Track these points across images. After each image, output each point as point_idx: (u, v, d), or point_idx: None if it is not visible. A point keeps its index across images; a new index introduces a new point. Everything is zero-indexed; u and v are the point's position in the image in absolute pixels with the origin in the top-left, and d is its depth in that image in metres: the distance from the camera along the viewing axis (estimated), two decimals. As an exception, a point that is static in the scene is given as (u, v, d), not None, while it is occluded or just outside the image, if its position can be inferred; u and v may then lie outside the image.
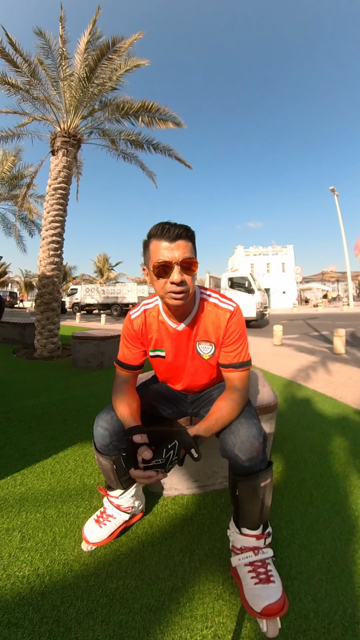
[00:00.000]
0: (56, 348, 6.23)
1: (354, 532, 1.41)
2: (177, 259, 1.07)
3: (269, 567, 1.10)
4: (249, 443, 1.09)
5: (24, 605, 1.07)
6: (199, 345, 1.30)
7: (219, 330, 1.26)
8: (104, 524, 1.35)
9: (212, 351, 1.30)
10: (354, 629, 0.99)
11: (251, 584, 1.07)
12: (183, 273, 1.09)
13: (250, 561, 1.12)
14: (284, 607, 1.00)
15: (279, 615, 0.99)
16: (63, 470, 1.92)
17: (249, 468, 1.10)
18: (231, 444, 1.11)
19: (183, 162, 8.38)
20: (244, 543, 1.16)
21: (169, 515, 1.54)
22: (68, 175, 6.43)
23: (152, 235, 1.12)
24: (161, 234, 1.09)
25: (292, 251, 41.40)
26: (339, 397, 3.39)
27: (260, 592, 1.03)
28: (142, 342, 1.36)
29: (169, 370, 1.42)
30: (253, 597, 1.03)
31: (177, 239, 1.08)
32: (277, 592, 1.03)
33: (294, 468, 1.95)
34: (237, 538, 1.18)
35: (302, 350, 6.73)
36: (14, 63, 6.05)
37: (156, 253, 1.09)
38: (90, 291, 27.46)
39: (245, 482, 1.11)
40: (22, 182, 12.87)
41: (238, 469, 1.12)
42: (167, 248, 1.08)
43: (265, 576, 1.07)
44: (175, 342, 1.31)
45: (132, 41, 6.06)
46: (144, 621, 1.02)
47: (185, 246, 1.09)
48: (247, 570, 1.11)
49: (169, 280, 1.09)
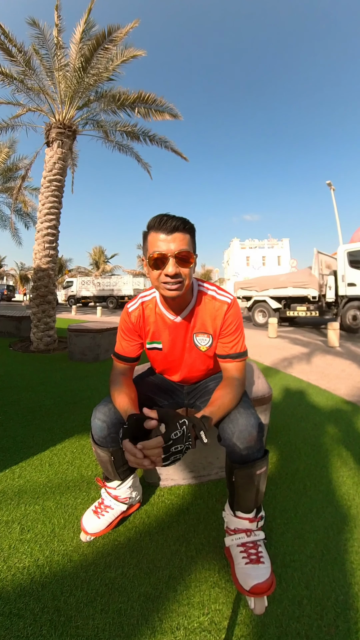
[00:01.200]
0: (52, 341, 6.22)
1: (346, 521, 1.44)
2: (173, 251, 1.08)
3: (260, 549, 1.15)
4: (247, 432, 1.11)
5: (25, 595, 1.09)
6: (197, 337, 1.31)
7: (217, 322, 1.28)
8: (102, 515, 1.37)
9: (210, 343, 1.31)
10: (346, 615, 1.02)
11: (242, 563, 1.11)
12: (178, 265, 1.10)
13: (243, 542, 1.16)
14: (271, 587, 1.05)
15: (266, 594, 1.04)
16: (61, 463, 1.94)
17: (246, 456, 1.13)
18: (230, 432, 1.13)
19: (179, 154, 8.30)
20: (237, 525, 1.20)
21: (165, 505, 1.57)
22: (63, 167, 6.36)
23: (151, 226, 1.13)
24: (159, 225, 1.09)
25: (287, 244, 41.41)
26: (332, 389, 3.44)
27: (250, 572, 1.08)
28: (139, 334, 1.37)
29: (166, 362, 1.43)
30: (243, 576, 1.08)
31: (174, 232, 1.09)
32: (266, 572, 1.08)
33: (288, 459, 1.98)
34: (231, 520, 1.23)
35: (296, 342, 6.78)
36: (8, 52, 5.91)
37: (153, 244, 1.11)
38: (86, 284, 27.35)
39: (242, 470, 1.14)
40: (16, 174, 12.68)
41: (235, 457, 1.15)
42: (164, 240, 1.09)
43: (256, 557, 1.12)
44: (172, 334, 1.32)
45: (128, 30, 5.95)
46: (143, 609, 1.04)
47: (182, 239, 1.10)
48: (239, 550, 1.16)
49: (164, 272, 1.11)
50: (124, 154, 8.45)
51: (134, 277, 27.09)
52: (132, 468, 1.45)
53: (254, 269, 41.23)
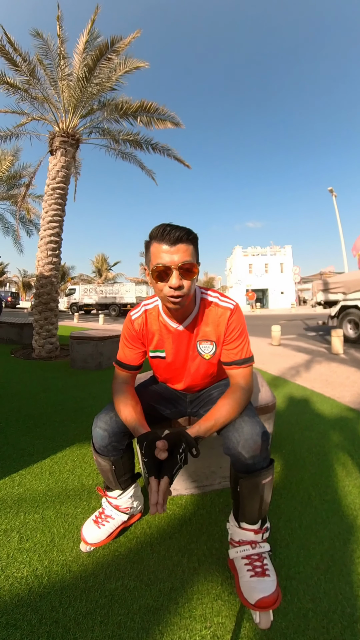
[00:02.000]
0: (54, 348, 6.22)
1: (352, 532, 1.41)
2: (177, 263, 1.07)
3: (265, 561, 1.12)
4: (253, 441, 1.09)
5: (23, 606, 1.07)
6: (200, 345, 1.30)
7: (220, 328, 1.26)
8: (103, 525, 1.35)
9: (213, 350, 1.30)
10: (353, 628, 0.99)
11: (247, 576, 1.09)
12: (182, 277, 1.09)
13: (247, 554, 1.13)
14: (277, 601, 1.02)
15: (272, 608, 1.01)
16: (61, 471, 1.92)
17: (251, 466, 1.10)
18: (235, 441, 1.11)
19: (182, 161, 8.37)
20: (242, 536, 1.17)
21: (167, 515, 1.54)
22: (66, 175, 6.42)
23: (153, 237, 1.11)
24: (162, 236, 1.08)
25: (290, 251, 41.51)
26: (337, 397, 3.40)
27: (256, 585, 1.05)
28: (142, 342, 1.36)
29: (169, 370, 1.42)
30: (248, 589, 1.05)
31: (178, 243, 1.07)
32: (272, 585, 1.05)
33: (292, 468, 1.95)
34: (236, 531, 1.20)
35: (300, 350, 6.74)
36: (13, 62, 6.03)
37: (156, 256, 1.09)
38: (88, 291, 27.47)
39: (247, 480, 1.11)
40: (20, 182, 12.85)
41: (241, 467, 1.12)
42: (167, 252, 1.07)
43: (261, 569, 1.09)
44: (175, 342, 1.31)
45: (130, 40, 6.06)
46: (143, 622, 1.02)
47: (185, 250, 1.08)
48: (243, 562, 1.13)
49: (168, 284, 1.09)
50: (127, 162, 8.55)
51: (137, 284, 27.23)
52: (134, 477, 1.44)
53: (256, 277, 41.32)
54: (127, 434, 1.31)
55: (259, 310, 33.21)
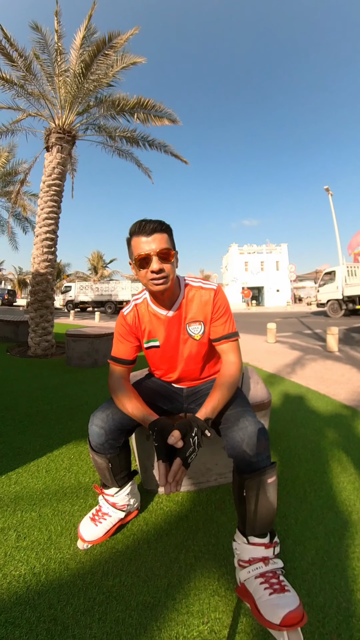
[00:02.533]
0: (50, 346, 6.19)
1: (347, 528, 1.43)
2: (155, 250, 1.20)
3: (282, 578, 1.03)
4: (257, 439, 1.12)
5: (21, 604, 1.07)
6: (189, 327, 1.38)
7: (207, 307, 1.37)
8: (100, 522, 1.35)
9: (202, 330, 1.38)
10: (349, 623, 1.01)
11: (265, 595, 0.97)
12: (161, 262, 1.21)
13: (261, 572, 1.04)
14: (304, 617, 0.90)
15: (300, 625, 0.89)
16: (58, 469, 1.92)
17: (255, 464, 1.11)
18: (239, 440, 1.13)
19: (179, 157, 8.34)
20: (253, 554, 1.09)
21: (164, 512, 1.55)
22: (62, 171, 6.38)
23: (132, 232, 1.24)
24: (139, 230, 1.21)
25: (286, 250, 41.59)
26: (332, 395, 3.43)
27: (278, 601, 0.94)
28: (136, 336, 1.42)
29: (164, 359, 1.46)
30: (270, 607, 0.93)
31: (153, 233, 1.20)
32: (295, 600, 0.94)
33: (288, 464, 1.97)
34: (245, 549, 1.12)
35: (295, 347, 6.77)
36: (9, 57, 5.96)
37: (137, 248, 1.22)
38: (84, 289, 27.36)
39: (252, 479, 1.10)
40: (15, 179, 12.73)
41: (245, 466, 1.12)
42: (145, 242, 1.20)
43: (279, 586, 0.99)
44: (167, 328, 1.38)
45: (128, 37, 6.01)
46: (141, 618, 1.03)
47: (161, 238, 1.21)
48: (258, 582, 1.02)
49: (149, 269, 1.21)
50: (123, 159, 8.51)
51: (132, 282, 27.12)
52: (130, 475, 1.45)
53: (252, 274, 41.37)
54: (124, 432, 1.33)
55: (255, 308, 33.29)
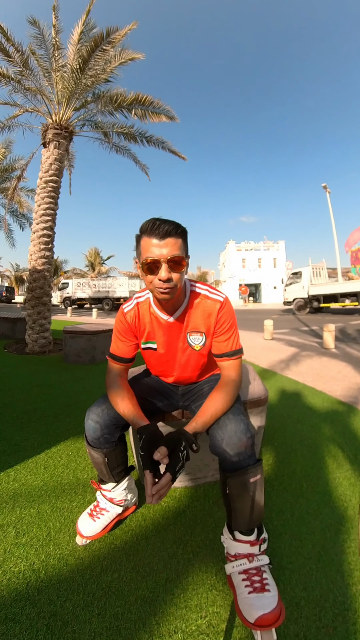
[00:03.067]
0: (47, 343, 6.18)
1: (343, 523, 1.45)
2: (165, 256, 1.09)
3: (265, 575, 1.05)
4: (237, 438, 1.10)
5: (21, 600, 1.08)
6: (190, 336, 1.32)
7: (210, 320, 1.28)
8: (98, 518, 1.36)
9: (203, 341, 1.32)
10: (344, 616, 1.02)
11: (245, 592, 1.02)
12: (171, 270, 1.11)
13: (245, 569, 1.07)
14: (279, 618, 0.94)
15: (274, 627, 0.93)
16: (56, 465, 1.92)
17: (237, 463, 1.10)
18: (219, 439, 1.12)
19: (177, 153, 8.31)
20: (238, 550, 1.12)
21: (161, 507, 1.56)
22: (59, 168, 6.34)
23: (143, 231, 1.13)
24: (151, 230, 1.10)
25: (283, 247, 41.63)
26: (328, 391, 3.44)
27: (254, 602, 0.98)
28: (135, 334, 1.37)
29: (161, 362, 1.43)
30: (247, 606, 0.98)
31: (167, 237, 1.09)
32: (273, 601, 0.97)
33: (284, 460, 1.98)
34: (231, 545, 1.15)
35: (292, 344, 6.80)
36: (5, 52, 5.90)
37: (146, 250, 1.11)
38: (81, 285, 27.28)
39: (234, 478, 1.10)
40: (12, 175, 12.64)
41: (227, 465, 1.12)
42: (156, 245, 1.09)
43: (260, 585, 1.02)
44: (166, 333, 1.33)
45: (126, 32, 5.96)
46: (140, 613, 1.04)
47: (174, 244, 1.10)
48: (241, 578, 1.06)
49: (157, 277, 1.11)
50: (121, 155, 8.47)
51: (130, 278, 27.06)
52: (127, 470, 1.45)
53: (249, 271, 41.40)
54: (119, 427, 1.33)
55: (252, 305, 33.34)
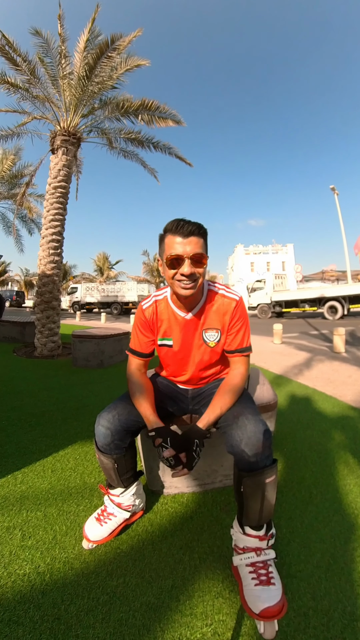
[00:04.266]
0: (56, 347, 6.23)
1: (353, 531, 1.42)
2: (189, 253, 1.17)
3: (270, 569, 1.10)
4: (256, 438, 1.10)
5: (25, 602, 1.07)
6: (206, 333, 1.37)
7: (225, 317, 1.35)
8: (105, 522, 1.36)
9: (218, 338, 1.37)
10: (353, 627, 1.00)
11: (251, 584, 1.06)
12: (193, 266, 1.19)
13: (252, 562, 1.11)
14: (282, 610, 1.00)
15: (276, 618, 0.99)
16: (63, 469, 1.92)
17: (254, 464, 1.11)
18: (238, 439, 1.12)
19: (183, 159, 8.37)
20: (247, 543, 1.15)
21: (169, 513, 1.55)
22: (68, 173, 6.42)
23: (168, 230, 1.22)
24: (176, 229, 1.18)
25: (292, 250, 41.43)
26: (338, 396, 3.40)
27: (260, 594, 1.03)
28: (152, 330, 1.43)
29: (176, 360, 1.45)
30: (252, 598, 1.03)
31: (190, 235, 1.18)
32: (277, 594, 1.03)
33: (294, 466, 1.96)
34: (240, 538, 1.18)
35: (302, 348, 6.73)
36: (13, 61, 6.02)
37: (170, 246, 1.20)
38: (90, 290, 27.46)
39: (250, 478, 1.11)
40: (21, 181, 12.85)
41: (244, 465, 1.13)
42: (180, 243, 1.18)
43: (266, 578, 1.07)
44: (183, 330, 1.38)
45: (131, 39, 6.04)
46: (144, 619, 1.02)
47: (197, 242, 1.19)
48: (248, 570, 1.11)
49: (180, 271, 1.19)
50: (128, 161, 8.55)
51: (139, 283, 27.17)
52: (136, 475, 1.45)
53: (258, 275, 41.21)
54: (129, 433, 1.33)
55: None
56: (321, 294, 16.06)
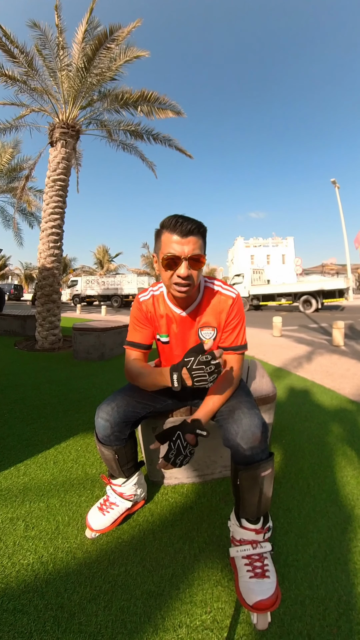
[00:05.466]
0: (57, 340, 6.25)
1: (350, 521, 1.44)
2: (186, 254, 1.12)
3: (266, 562, 1.11)
4: (251, 432, 1.11)
5: (29, 592, 1.10)
6: (202, 331, 1.35)
7: (222, 315, 1.33)
8: (107, 512, 1.38)
9: (214, 336, 1.35)
10: (349, 615, 1.02)
11: (246, 577, 1.08)
12: (190, 268, 1.14)
13: (248, 554, 1.12)
14: (275, 603, 1.01)
15: (269, 611, 1.00)
16: (65, 460, 1.95)
17: (250, 457, 1.12)
18: (234, 432, 1.14)
19: (184, 151, 8.29)
20: (243, 536, 1.17)
21: (169, 503, 1.57)
22: (67, 166, 6.37)
23: (165, 226, 1.15)
24: (174, 227, 1.12)
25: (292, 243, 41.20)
26: (337, 389, 3.42)
27: (254, 587, 1.04)
28: (151, 322, 1.40)
29: (172, 355, 1.45)
30: (247, 590, 1.04)
31: (189, 235, 1.12)
32: (271, 587, 1.04)
33: (292, 458, 1.98)
34: (237, 530, 1.19)
35: (301, 341, 6.75)
36: (10, 53, 5.93)
37: (167, 245, 1.14)
38: (90, 283, 27.37)
39: (246, 472, 1.13)
40: (21, 175, 12.74)
41: (240, 458, 1.14)
42: (178, 242, 1.12)
43: (261, 570, 1.08)
44: (179, 327, 1.36)
45: (130, 29, 5.95)
46: (145, 607, 1.05)
47: (195, 242, 1.13)
48: (243, 562, 1.12)
49: (176, 273, 1.14)
50: (128, 153, 8.46)
51: (139, 276, 27.09)
52: (137, 465, 1.47)
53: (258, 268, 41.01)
54: (129, 424, 1.34)
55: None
56: (296, 288, 17.31)
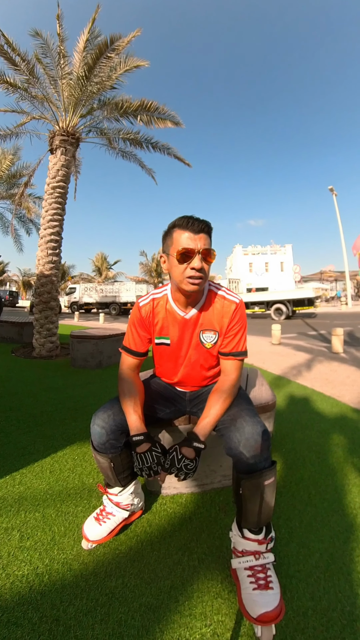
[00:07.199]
0: (55, 347, 6.22)
1: (352, 531, 1.42)
2: (199, 248, 1.18)
3: (269, 573, 1.09)
4: (254, 440, 1.10)
5: (24, 604, 1.07)
6: (203, 334, 1.36)
7: (224, 320, 1.34)
8: (104, 522, 1.35)
9: (215, 339, 1.35)
10: (353, 627, 1.00)
11: (249, 589, 1.05)
12: (203, 261, 1.19)
13: (250, 565, 1.10)
14: (279, 615, 0.98)
15: (274, 623, 0.98)
16: (62, 470, 1.92)
17: (253, 465, 1.11)
18: (236, 441, 1.13)
19: (182, 160, 8.36)
20: (245, 546, 1.14)
21: (167, 514, 1.54)
22: (67, 174, 6.41)
23: (177, 225, 1.22)
24: (186, 225, 1.19)
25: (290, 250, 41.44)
26: (337, 396, 3.40)
27: (258, 599, 1.01)
28: (148, 329, 1.41)
29: (171, 359, 1.45)
30: (250, 602, 1.02)
31: (200, 232, 1.20)
32: (275, 599, 1.01)
33: (292, 467, 1.96)
34: (239, 541, 1.17)
35: (300, 349, 6.74)
36: (12, 61, 6.00)
37: (180, 241, 1.19)
38: (88, 290, 27.41)
39: (249, 480, 1.11)
40: (20, 181, 12.83)
41: (242, 467, 1.13)
42: (191, 238, 1.19)
43: (264, 582, 1.06)
44: (181, 329, 1.37)
45: (130, 39, 6.04)
46: (143, 620, 1.02)
47: (205, 239, 1.21)
48: (246, 574, 1.10)
49: (190, 266, 1.19)
50: (127, 161, 8.54)
51: (137, 283, 27.14)
52: (134, 474, 1.45)
53: (257, 275, 41.18)
54: (125, 432, 1.33)
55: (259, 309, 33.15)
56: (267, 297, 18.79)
